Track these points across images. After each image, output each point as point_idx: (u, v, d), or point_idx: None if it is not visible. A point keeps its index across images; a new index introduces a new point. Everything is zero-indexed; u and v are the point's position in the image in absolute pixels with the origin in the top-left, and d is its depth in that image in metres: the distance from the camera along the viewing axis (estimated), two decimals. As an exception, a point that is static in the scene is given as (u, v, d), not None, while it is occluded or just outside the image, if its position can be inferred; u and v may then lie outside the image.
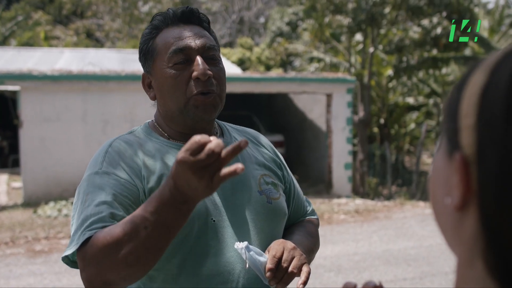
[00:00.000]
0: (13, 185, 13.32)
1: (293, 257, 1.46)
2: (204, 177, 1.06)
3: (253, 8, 31.09)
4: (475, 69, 0.58)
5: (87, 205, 1.39)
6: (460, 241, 0.58)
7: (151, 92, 1.60)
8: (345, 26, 13.59)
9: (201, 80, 1.49)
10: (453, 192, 0.56)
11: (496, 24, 17.94)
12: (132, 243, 1.21)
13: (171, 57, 1.51)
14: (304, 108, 14.85)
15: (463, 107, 0.56)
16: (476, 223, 0.55)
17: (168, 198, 1.14)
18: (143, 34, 1.61)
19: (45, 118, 10.86)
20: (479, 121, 0.54)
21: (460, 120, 0.56)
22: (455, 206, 0.56)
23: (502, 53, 0.57)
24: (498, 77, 0.54)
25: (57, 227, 8.74)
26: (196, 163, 1.05)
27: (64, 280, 6.19)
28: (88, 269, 1.28)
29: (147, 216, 1.18)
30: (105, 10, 28.58)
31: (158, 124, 1.61)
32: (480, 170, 0.53)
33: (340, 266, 6.72)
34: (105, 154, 1.50)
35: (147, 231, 1.19)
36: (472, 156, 0.54)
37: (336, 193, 12.50)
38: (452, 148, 0.57)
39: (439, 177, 0.60)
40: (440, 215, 0.61)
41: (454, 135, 0.57)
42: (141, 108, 10.97)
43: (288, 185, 1.75)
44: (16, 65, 14.51)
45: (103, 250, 1.25)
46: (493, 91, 0.54)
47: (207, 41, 1.54)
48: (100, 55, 18.16)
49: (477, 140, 0.54)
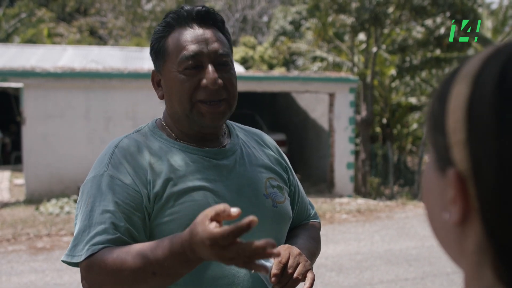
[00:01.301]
0: (15, 182, 13.33)
1: (299, 263, 1.46)
2: (230, 262, 1.14)
3: (257, 7, 31.09)
4: (455, 78, 0.57)
5: (90, 209, 1.40)
6: (465, 254, 0.57)
7: (160, 91, 1.58)
8: (349, 26, 13.58)
9: (210, 88, 1.48)
10: (450, 207, 0.55)
11: (499, 24, 17.90)
12: (137, 281, 1.28)
13: (181, 62, 1.48)
14: (306, 107, 14.85)
15: (450, 122, 0.55)
16: (480, 235, 0.54)
17: (183, 255, 1.20)
18: (155, 30, 1.57)
19: (48, 115, 10.88)
20: (470, 136, 0.53)
21: (449, 136, 0.55)
22: (454, 222, 0.55)
23: (481, 60, 0.55)
24: (482, 88, 0.53)
25: (59, 224, 8.75)
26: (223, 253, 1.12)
27: (65, 277, 6.20)
28: (88, 282, 1.35)
29: (157, 264, 1.24)
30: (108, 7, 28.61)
31: (166, 123, 1.60)
32: (478, 184, 0.52)
33: (342, 265, 6.72)
34: (111, 155, 1.49)
35: (155, 277, 1.26)
36: (467, 171, 0.53)
37: (338, 192, 12.50)
38: (443, 164, 0.56)
39: (433, 192, 0.59)
40: (439, 230, 0.60)
41: (444, 151, 0.56)
42: (143, 105, 10.98)
43: (293, 188, 1.75)
44: (19, 62, 14.53)
45: (109, 274, 1.31)
46: (479, 103, 0.52)
47: (219, 47, 1.51)
48: (103, 52, 18.18)
49: (470, 155, 0.53)
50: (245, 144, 1.67)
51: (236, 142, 1.64)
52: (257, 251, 1.09)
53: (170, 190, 1.46)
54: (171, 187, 1.47)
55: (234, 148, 1.62)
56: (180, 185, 1.47)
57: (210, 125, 1.52)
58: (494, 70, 0.53)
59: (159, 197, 1.45)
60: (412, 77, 15.86)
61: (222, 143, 1.61)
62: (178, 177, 1.49)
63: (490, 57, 0.54)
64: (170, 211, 1.44)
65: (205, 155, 1.55)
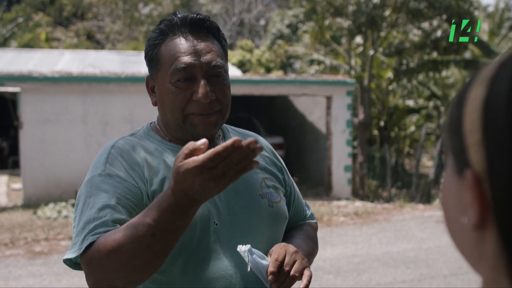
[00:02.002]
0: (13, 186, 13.33)
1: (295, 261, 1.47)
2: (221, 180, 1.12)
3: (254, 11, 31.13)
4: (472, 84, 0.58)
5: (89, 207, 1.38)
6: (483, 260, 0.56)
7: (154, 98, 1.58)
8: (345, 29, 13.61)
9: (202, 102, 1.48)
10: (468, 211, 0.55)
11: (496, 27, 17.96)
12: (139, 250, 1.22)
13: (173, 74, 1.48)
14: (304, 111, 14.86)
15: (466, 124, 0.56)
16: (497, 240, 0.53)
17: (175, 205, 1.18)
18: (149, 37, 1.57)
19: (45, 120, 10.88)
20: (485, 136, 0.53)
21: (466, 138, 0.56)
22: (472, 225, 0.55)
23: (498, 64, 0.56)
24: (497, 89, 0.54)
25: (57, 229, 8.74)
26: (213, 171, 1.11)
27: (63, 281, 6.20)
28: (94, 274, 1.29)
29: (154, 224, 1.20)
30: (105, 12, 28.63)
31: (160, 127, 1.61)
32: (492, 185, 0.52)
33: (339, 268, 6.73)
34: (107, 155, 1.49)
35: (155, 238, 1.21)
36: (483, 172, 0.53)
37: (335, 195, 12.51)
38: (461, 166, 0.57)
39: (451, 197, 0.59)
40: (457, 235, 0.59)
41: (462, 153, 0.56)
42: (141, 109, 10.98)
43: (288, 188, 1.75)
44: (17, 66, 14.52)
45: (109, 256, 1.25)
46: (495, 104, 0.53)
47: (212, 58, 1.50)
48: (101, 57, 18.19)
49: (486, 155, 0.53)
50: None
51: None
52: (245, 152, 1.10)
53: None
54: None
55: None
56: None
57: (203, 135, 1.51)
58: (509, 72, 0.54)
59: (157, 196, 1.45)
60: (409, 79, 15.89)
61: (216, 145, 1.61)
62: None
63: (506, 61, 0.56)
64: None
65: None
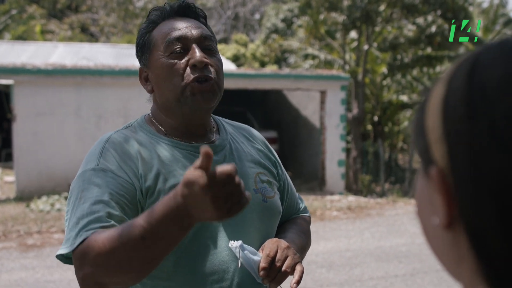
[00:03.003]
0: (6, 179, 13.29)
1: (287, 256, 1.47)
2: (224, 207, 1.05)
3: (248, 5, 31.07)
4: (436, 84, 0.59)
5: (82, 202, 1.36)
6: (462, 262, 0.54)
7: (148, 85, 1.58)
8: (340, 24, 13.60)
9: (198, 67, 1.49)
10: (438, 210, 0.55)
11: (490, 23, 17.99)
12: (128, 251, 1.19)
13: (167, 46, 1.51)
14: (298, 105, 14.87)
15: (429, 122, 0.56)
16: (466, 239, 0.52)
17: (172, 213, 1.12)
18: (140, 29, 1.60)
19: (39, 112, 10.84)
20: (445, 131, 0.54)
21: (429, 135, 0.56)
22: (443, 225, 0.54)
23: (456, 64, 0.57)
24: (454, 85, 0.55)
25: (50, 222, 8.73)
26: (219, 193, 1.04)
27: (56, 274, 6.19)
28: (84, 270, 1.26)
29: (147, 226, 1.16)
30: (100, 4, 28.50)
31: (155, 118, 1.60)
32: (455, 179, 0.52)
33: (332, 262, 6.75)
34: (102, 149, 1.47)
35: (145, 242, 1.17)
36: (446, 167, 0.53)
37: (329, 190, 12.54)
38: (426, 165, 0.57)
39: (423, 198, 0.58)
40: (432, 238, 0.58)
41: (426, 151, 0.57)
42: (135, 103, 10.96)
43: (282, 182, 1.75)
44: (10, 58, 14.46)
45: (99, 254, 1.23)
46: (452, 99, 0.54)
47: (203, 31, 1.55)
48: (95, 49, 18.12)
49: (447, 150, 0.53)
50: (233, 139, 1.68)
51: (225, 138, 1.65)
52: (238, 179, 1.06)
53: (161, 185, 1.46)
54: (162, 182, 1.46)
55: (223, 143, 1.62)
56: (170, 180, 1.47)
57: (203, 105, 1.51)
58: (465, 69, 0.55)
59: (151, 192, 1.45)
60: (403, 75, 15.92)
61: (211, 138, 1.61)
62: (168, 172, 1.49)
63: (463, 61, 0.57)
64: None
65: (194, 150, 1.55)
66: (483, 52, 0.55)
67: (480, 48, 0.57)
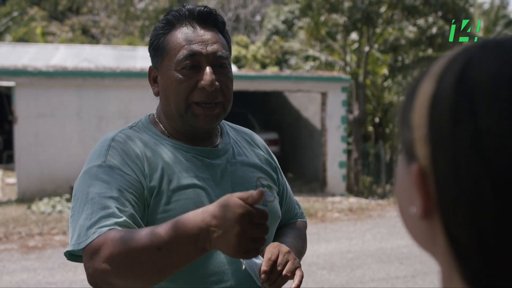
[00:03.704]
0: (7, 181, 13.29)
1: (288, 261, 1.48)
2: (244, 246, 1.10)
3: (249, 6, 31.10)
4: (424, 78, 0.59)
5: (90, 197, 1.35)
6: (437, 248, 0.57)
7: (156, 88, 1.57)
8: (341, 25, 13.60)
9: (207, 90, 1.48)
10: (416, 202, 0.57)
11: (491, 24, 18.00)
12: (142, 258, 1.19)
13: (180, 61, 1.48)
14: (299, 107, 14.87)
15: (415, 118, 0.57)
16: (442, 232, 0.55)
17: (193, 231, 1.13)
18: (155, 27, 1.57)
19: (40, 114, 10.85)
20: (430, 132, 0.55)
21: (414, 132, 0.57)
22: (419, 215, 0.56)
23: (447, 60, 0.57)
24: (444, 85, 0.55)
25: (51, 223, 8.73)
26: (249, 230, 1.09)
27: (57, 276, 6.20)
28: (95, 266, 1.25)
29: (165, 238, 1.17)
30: (101, 6, 28.54)
31: (159, 119, 1.60)
32: (436, 180, 0.54)
33: (333, 264, 6.75)
34: (108, 147, 1.47)
35: (159, 253, 1.17)
36: (428, 167, 0.55)
37: (330, 191, 12.53)
38: (409, 159, 0.58)
39: (402, 186, 0.60)
40: (409, 224, 0.60)
41: (410, 146, 0.58)
42: (136, 104, 10.98)
43: (281, 188, 1.77)
44: (11, 60, 14.48)
45: (113, 254, 1.22)
46: (440, 101, 0.54)
47: (219, 49, 1.50)
48: (96, 51, 18.14)
49: (430, 151, 0.54)
50: (236, 143, 1.69)
51: (228, 142, 1.65)
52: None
53: (165, 186, 1.46)
54: (166, 183, 1.47)
55: (226, 147, 1.63)
56: (174, 182, 1.48)
57: (203, 127, 1.53)
58: (456, 69, 0.55)
59: (156, 192, 1.45)
60: (404, 76, 15.90)
61: (214, 142, 1.62)
62: (172, 173, 1.49)
63: (455, 57, 0.56)
64: (164, 208, 1.44)
65: (198, 154, 1.56)
66: (477, 50, 0.55)
67: (476, 44, 0.56)
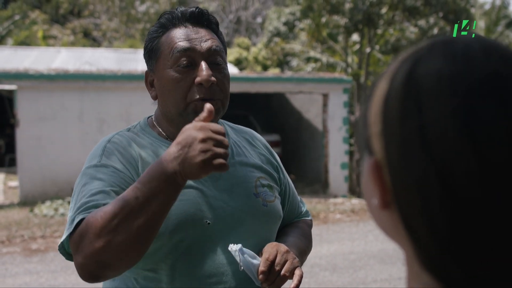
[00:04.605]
0: (9, 184, 13.30)
1: (286, 261, 1.47)
2: (210, 152, 1.16)
3: (250, 8, 31.11)
4: (381, 77, 0.63)
5: (83, 194, 1.37)
6: (398, 237, 0.61)
7: (153, 92, 1.57)
8: (342, 26, 13.61)
9: (204, 86, 1.47)
10: (375, 193, 0.61)
11: (492, 24, 17.99)
12: (125, 216, 1.19)
13: (175, 57, 1.48)
14: (300, 108, 14.87)
15: (371, 116, 0.61)
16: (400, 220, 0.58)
17: (161, 166, 1.19)
18: (149, 31, 1.57)
19: (42, 117, 10.86)
20: (383, 127, 0.59)
21: (370, 128, 0.61)
22: (378, 207, 0.60)
23: (401, 60, 0.61)
24: (394, 84, 0.59)
25: (54, 226, 8.74)
26: (209, 136, 1.17)
27: (60, 279, 6.20)
28: (81, 252, 1.24)
29: (139, 185, 1.20)
30: (102, 9, 28.57)
31: (158, 122, 1.60)
32: (390, 172, 0.58)
33: (336, 265, 6.74)
34: (103, 148, 1.48)
35: (138, 201, 1.19)
36: (383, 160, 0.59)
37: (332, 192, 12.52)
38: (368, 154, 0.62)
39: (365, 180, 0.63)
40: (375, 216, 0.64)
41: (368, 142, 0.62)
42: (137, 107, 10.98)
43: (283, 187, 1.75)
44: (13, 64, 14.50)
45: (95, 227, 1.22)
46: (391, 99, 0.58)
47: (213, 44, 1.51)
48: (97, 54, 18.16)
49: (383, 145, 0.59)
50: (235, 143, 1.68)
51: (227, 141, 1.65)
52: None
53: None
54: None
55: None
56: None
57: None
58: (405, 69, 0.59)
59: None
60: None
61: None
62: None
63: (407, 57, 0.60)
64: None
65: None
66: (426, 50, 0.59)
67: (426, 45, 0.60)
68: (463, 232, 0.54)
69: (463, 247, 0.54)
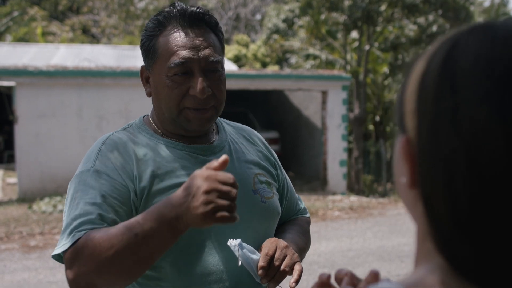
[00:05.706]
0: (8, 180, 13.30)
1: (286, 256, 1.47)
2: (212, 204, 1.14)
3: (249, 5, 31.07)
4: (420, 58, 0.64)
5: (76, 203, 1.38)
6: (417, 218, 0.64)
7: (148, 88, 1.57)
8: (341, 24, 13.60)
9: (198, 98, 1.48)
10: (404, 171, 0.62)
11: (491, 22, 17.98)
12: (122, 247, 1.22)
13: (171, 67, 1.47)
14: (299, 105, 14.87)
15: (407, 94, 0.63)
16: (421, 201, 0.60)
17: (164, 209, 1.19)
18: (146, 27, 1.55)
19: (40, 114, 10.85)
20: (417, 105, 0.60)
21: (405, 106, 0.63)
22: (406, 185, 0.62)
23: (440, 42, 0.62)
24: (432, 65, 0.60)
25: (52, 223, 8.74)
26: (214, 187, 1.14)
27: (58, 275, 6.21)
28: (76, 269, 1.28)
29: (141, 222, 1.22)
30: (101, 6, 28.53)
31: (153, 120, 1.60)
32: (419, 150, 0.60)
33: (334, 262, 6.75)
34: (98, 151, 1.49)
35: (137, 238, 1.21)
36: (414, 138, 0.60)
37: (331, 190, 12.53)
38: (400, 132, 0.64)
39: (396, 159, 0.65)
40: (402, 193, 0.65)
41: (401, 120, 0.64)
42: (136, 104, 10.98)
43: (281, 183, 1.75)
44: (12, 60, 14.48)
45: (95, 251, 1.25)
46: (428, 78, 0.60)
47: (210, 53, 1.49)
48: (96, 51, 18.14)
49: (416, 124, 0.60)
50: (233, 140, 1.68)
51: (224, 139, 1.65)
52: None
53: (157, 186, 1.47)
54: (158, 183, 1.47)
55: (222, 144, 1.62)
56: (166, 181, 1.48)
57: (196, 130, 1.54)
58: (444, 50, 0.60)
59: (146, 193, 1.45)
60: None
61: (210, 139, 1.62)
62: (164, 173, 1.49)
63: (446, 40, 0.61)
64: None
65: (193, 151, 1.56)
66: (465, 33, 0.60)
67: (466, 28, 0.61)
68: (482, 212, 0.54)
69: (479, 227, 0.55)
